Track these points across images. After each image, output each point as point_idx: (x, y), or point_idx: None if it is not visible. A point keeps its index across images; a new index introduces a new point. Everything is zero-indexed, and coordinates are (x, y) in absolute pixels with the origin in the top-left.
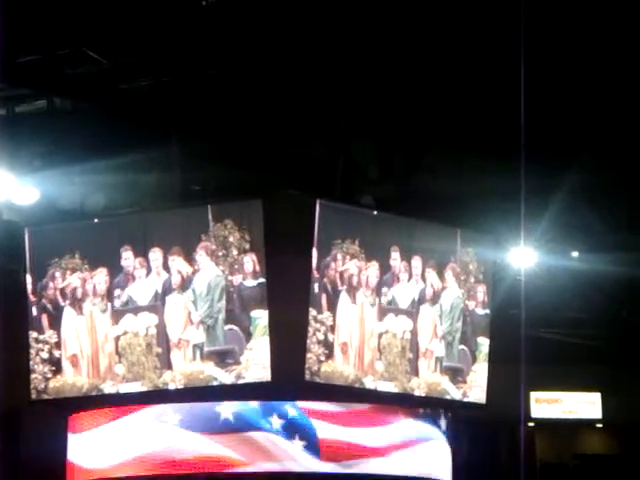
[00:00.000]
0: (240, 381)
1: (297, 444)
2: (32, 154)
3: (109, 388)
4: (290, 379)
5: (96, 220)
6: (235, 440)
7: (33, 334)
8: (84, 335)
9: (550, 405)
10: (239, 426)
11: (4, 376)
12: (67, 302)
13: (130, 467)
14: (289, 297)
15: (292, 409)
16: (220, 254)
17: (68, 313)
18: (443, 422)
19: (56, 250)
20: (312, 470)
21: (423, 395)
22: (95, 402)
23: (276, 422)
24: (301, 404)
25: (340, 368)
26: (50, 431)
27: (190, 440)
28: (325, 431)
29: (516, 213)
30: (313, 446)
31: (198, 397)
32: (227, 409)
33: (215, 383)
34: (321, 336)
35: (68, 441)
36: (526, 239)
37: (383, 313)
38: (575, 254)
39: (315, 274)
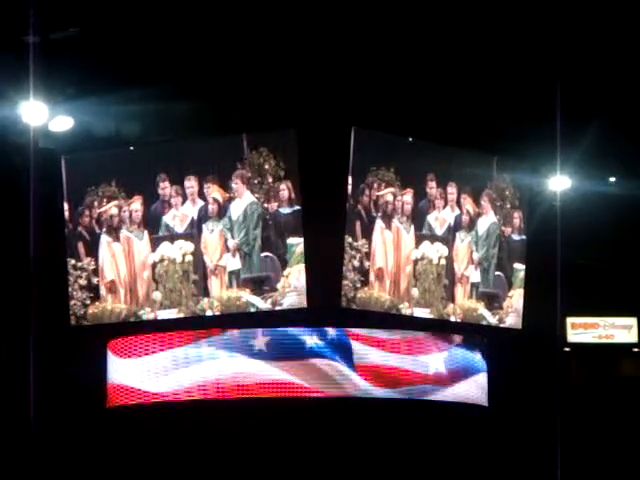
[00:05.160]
0: (277, 308)
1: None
2: (66, 82)
3: (147, 315)
4: (326, 306)
5: (131, 148)
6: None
7: (71, 261)
8: (121, 262)
9: (586, 330)
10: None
11: (44, 302)
12: (103, 229)
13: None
14: (325, 224)
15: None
16: (255, 182)
17: (104, 240)
18: (480, 348)
19: (92, 178)
20: (366, 395)
21: (459, 321)
22: (133, 328)
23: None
24: (351, 330)
25: (376, 295)
26: (90, 356)
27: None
28: (375, 357)
29: (552, 140)
30: (366, 372)
31: (235, 324)
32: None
33: (252, 310)
34: (357, 263)
35: (109, 365)
36: (562, 165)
37: (419, 240)
38: (612, 179)
39: (350, 201)
